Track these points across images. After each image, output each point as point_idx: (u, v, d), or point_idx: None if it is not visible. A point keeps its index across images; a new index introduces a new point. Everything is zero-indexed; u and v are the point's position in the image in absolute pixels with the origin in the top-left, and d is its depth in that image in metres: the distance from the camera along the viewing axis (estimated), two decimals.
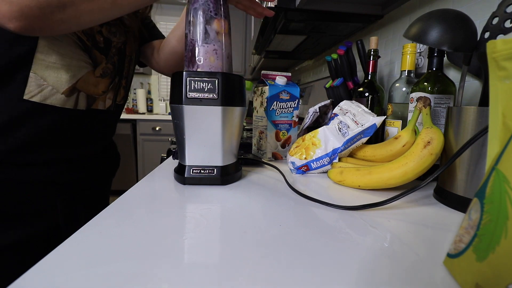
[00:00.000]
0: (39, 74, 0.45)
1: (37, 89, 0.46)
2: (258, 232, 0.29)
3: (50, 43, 0.45)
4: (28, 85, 0.45)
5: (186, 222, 0.31)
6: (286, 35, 1.17)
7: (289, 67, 2.24)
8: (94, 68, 0.51)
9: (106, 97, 0.56)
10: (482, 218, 0.19)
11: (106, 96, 0.56)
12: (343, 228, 0.30)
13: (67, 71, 0.48)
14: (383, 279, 0.22)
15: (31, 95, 0.45)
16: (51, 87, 0.47)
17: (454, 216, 0.35)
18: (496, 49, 0.23)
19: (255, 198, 0.40)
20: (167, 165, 0.58)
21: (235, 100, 0.45)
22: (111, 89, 0.57)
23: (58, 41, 0.46)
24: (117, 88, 0.58)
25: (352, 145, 0.52)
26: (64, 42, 0.47)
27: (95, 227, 0.28)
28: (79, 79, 0.49)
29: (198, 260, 0.23)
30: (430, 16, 0.41)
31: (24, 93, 0.45)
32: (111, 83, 0.56)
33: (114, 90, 0.58)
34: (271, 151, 0.65)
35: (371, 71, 0.67)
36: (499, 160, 0.20)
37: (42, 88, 0.46)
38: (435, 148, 0.39)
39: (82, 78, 0.50)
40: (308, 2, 0.82)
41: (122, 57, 0.57)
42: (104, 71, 0.53)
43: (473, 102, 0.58)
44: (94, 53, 0.51)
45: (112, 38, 0.54)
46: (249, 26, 2.96)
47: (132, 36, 0.60)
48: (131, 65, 0.61)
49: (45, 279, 0.20)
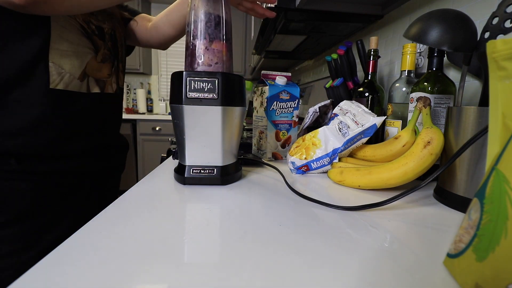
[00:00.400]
0: (56, 63, 0.48)
1: (59, 77, 0.48)
2: (258, 232, 0.29)
3: (61, 32, 0.48)
4: (51, 74, 0.47)
5: (186, 222, 0.31)
6: (286, 35, 1.17)
7: (289, 67, 2.24)
8: (96, 54, 0.54)
9: (112, 81, 0.59)
10: (482, 218, 0.19)
11: (112, 80, 0.59)
12: (343, 228, 0.30)
13: (77, 57, 0.50)
14: (383, 279, 0.22)
15: (55, 83, 0.48)
16: (69, 74, 0.50)
17: (454, 216, 0.35)
18: (496, 49, 0.23)
19: (255, 198, 0.40)
20: (167, 165, 0.58)
21: (235, 100, 0.45)
22: (114, 73, 0.60)
23: (66, 30, 0.48)
24: (117, 72, 0.61)
25: (352, 145, 0.52)
26: (71, 30, 0.49)
27: (95, 227, 0.28)
28: (86, 64, 0.52)
29: (198, 260, 0.23)
30: (430, 16, 0.41)
31: (49, 82, 0.47)
32: (112, 67, 0.59)
33: (116, 73, 0.60)
34: (271, 151, 0.65)
35: (371, 71, 0.67)
36: (499, 160, 0.20)
37: (62, 76, 0.49)
38: (435, 148, 0.39)
39: (88, 64, 0.53)
40: (308, 2, 0.82)
41: (115, 42, 0.60)
42: (103, 57, 0.56)
43: (473, 102, 0.58)
44: (94, 39, 0.54)
45: (102, 25, 0.57)
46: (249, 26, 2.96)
47: (117, 22, 0.63)
48: (123, 49, 0.64)
49: (45, 279, 0.20)
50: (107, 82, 0.57)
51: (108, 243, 0.25)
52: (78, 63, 0.51)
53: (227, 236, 0.28)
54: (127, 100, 3.19)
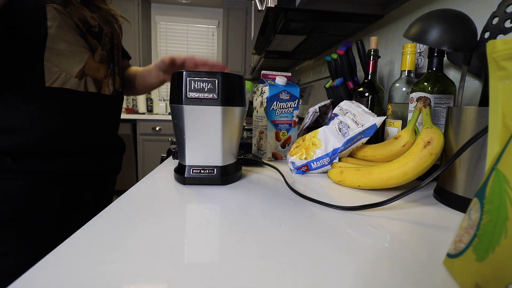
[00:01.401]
0: (52, 62, 0.48)
1: (54, 76, 0.49)
2: (258, 232, 0.29)
3: (58, 32, 0.48)
4: (46, 73, 0.48)
5: (186, 222, 0.31)
6: (286, 35, 1.17)
7: (289, 67, 2.24)
8: (92, 53, 0.54)
9: (108, 83, 0.59)
10: (482, 218, 0.19)
11: (109, 82, 0.59)
12: (343, 228, 0.30)
13: (74, 56, 0.51)
14: (383, 279, 0.22)
15: (51, 81, 0.48)
16: (65, 73, 0.50)
17: (454, 216, 0.35)
18: (496, 49, 0.23)
19: (255, 198, 0.40)
20: (167, 165, 0.58)
21: (235, 100, 0.45)
22: (110, 74, 0.60)
23: (63, 29, 0.49)
24: (113, 74, 0.61)
25: (352, 145, 0.52)
26: (68, 29, 0.50)
27: (95, 227, 0.28)
28: (85, 64, 0.53)
29: (198, 260, 0.23)
30: (430, 16, 0.41)
31: (45, 80, 0.48)
32: (108, 69, 0.59)
33: (112, 76, 0.61)
34: (271, 151, 0.65)
35: (371, 71, 0.67)
36: (499, 160, 0.20)
37: (58, 75, 0.49)
38: (435, 148, 0.39)
39: (87, 63, 0.53)
40: (308, 2, 0.82)
41: (112, 45, 0.61)
42: (101, 57, 0.57)
43: (473, 102, 0.58)
44: (88, 38, 0.54)
45: (103, 26, 0.58)
46: (249, 26, 2.96)
47: (115, 28, 0.64)
48: (119, 54, 0.65)
49: (45, 279, 0.20)
50: (103, 83, 0.57)
51: (108, 243, 0.25)
52: (75, 62, 0.51)
53: (227, 236, 0.28)
54: (127, 100, 3.19)
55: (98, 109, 0.57)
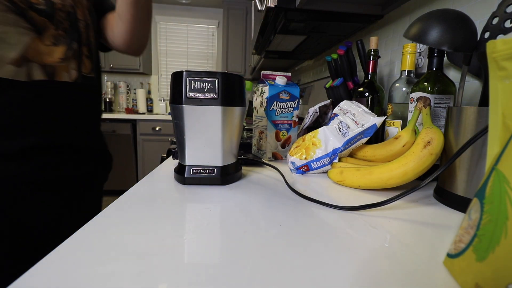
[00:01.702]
0: None
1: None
2: (258, 232, 0.29)
3: None
4: None
5: (186, 222, 0.31)
6: (286, 35, 1.17)
7: (289, 67, 2.24)
8: (39, 35, 0.46)
9: (69, 68, 0.50)
10: (482, 218, 0.19)
11: (69, 66, 0.50)
12: (343, 228, 0.30)
13: (6, 39, 0.43)
14: (383, 279, 0.22)
15: None
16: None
17: (454, 216, 0.35)
18: (496, 49, 0.23)
19: (255, 198, 0.40)
20: (167, 165, 0.58)
21: (235, 100, 0.45)
22: (72, 57, 0.51)
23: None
24: (78, 56, 0.52)
25: (352, 145, 0.52)
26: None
27: (95, 227, 0.28)
28: (26, 47, 0.45)
29: (198, 260, 0.23)
30: (430, 16, 0.41)
31: None
32: (68, 50, 0.50)
33: (76, 58, 0.52)
34: (271, 151, 0.65)
35: (371, 71, 0.67)
36: (499, 160, 0.20)
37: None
38: (435, 148, 0.39)
39: (30, 47, 0.45)
40: (308, 2, 0.82)
41: (74, 21, 0.51)
42: (56, 39, 0.48)
43: (473, 102, 0.58)
44: (30, 15, 0.45)
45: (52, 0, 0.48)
46: (249, 26, 2.96)
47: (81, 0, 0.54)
48: (89, 31, 0.55)
49: (45, 279, 0.20)
50: (58, 68, 0.48)
51: (108, 243, 0.25)
52: (7, 46, 0.43)
53: (227, 236, 0.28)
54: (127, 100, 3.19)
55: (53, 100, 0.48)
